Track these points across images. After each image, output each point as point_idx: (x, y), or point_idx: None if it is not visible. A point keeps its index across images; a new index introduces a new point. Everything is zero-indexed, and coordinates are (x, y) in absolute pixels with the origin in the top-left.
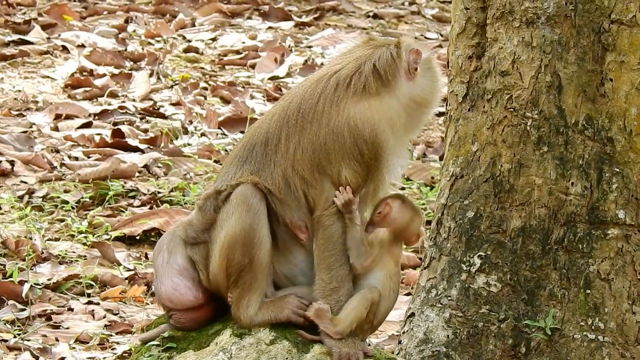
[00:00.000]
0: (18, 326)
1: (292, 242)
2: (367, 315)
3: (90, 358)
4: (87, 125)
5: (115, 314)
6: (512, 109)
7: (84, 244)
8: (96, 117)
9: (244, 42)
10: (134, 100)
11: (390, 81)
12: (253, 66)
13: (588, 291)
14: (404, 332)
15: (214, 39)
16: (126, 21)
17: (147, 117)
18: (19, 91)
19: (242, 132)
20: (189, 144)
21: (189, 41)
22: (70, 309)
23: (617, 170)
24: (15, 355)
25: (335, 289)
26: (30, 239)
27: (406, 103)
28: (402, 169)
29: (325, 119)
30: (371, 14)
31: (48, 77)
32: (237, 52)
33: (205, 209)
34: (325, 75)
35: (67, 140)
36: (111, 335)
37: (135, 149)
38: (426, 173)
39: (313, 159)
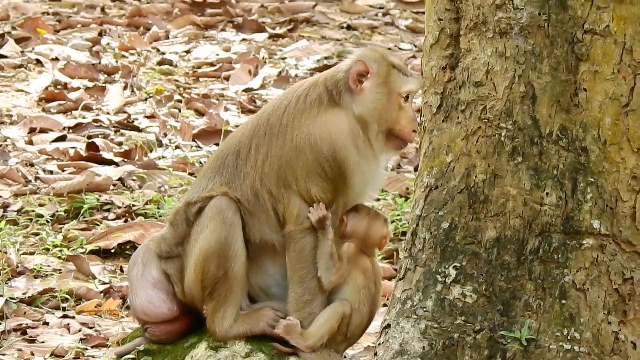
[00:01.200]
0: None
1: (264, 253)
2: (339, 328)
3: None
4: (62, 138)
5: (91, 328)
6: (486, 120)
7: (59, 257)
8: (70, 131)
9: (217, 54)
10: (108, 113)
11: (337, 95)
12: (227, 78)
13: (563, 301)
14: (379, 344)
15: (187, 51)
16: (100, 34)
17: (122, 130)
18: None
19: (217, 144)
20: (163, 157)
21: (163, 53)
22: (46, 323)
23: (592, 180)
24: None
25: (308, 301)
26: (5, 252)
27: (359, 117)
28: (376, 184)
29: (289, 134)
30: (345, 25)
31: (22, 90)
32: (211, 64)
33: (176, 223)
34: (294, 87)
35: (42, 153)
36: (87, 349)
37: (109, 162)
38: (401, 184)
39: (279, 174)
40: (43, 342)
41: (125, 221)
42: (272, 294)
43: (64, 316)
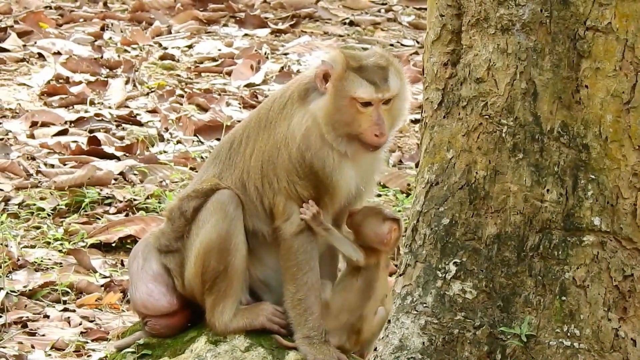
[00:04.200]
0: None
1: (262, 245)
2: (356, 323)
3: None
4: (63, 132)
5: (91, 321)
6: (487, 116)
7: (60, 251)
8: (72, 125)
9: (220, 50)
10: (110, 107)
11: (304, 94)
12: (229, 73)
13: (563, 298)
14: (379, 339)
15: (190, 46)
16: (102, 29)
17: (123, 125)
18: None
19: (218, 139)
20: (164, 152)
21: (165, 48)
22: (46, 316)
23: (593, 177)
24: None
25: (302, 299)
26: (6, 246)
27: (317, 117)
28: (369, 181)
29: (272, 129)
30: (347, 21)
31: (24, 84)
32: (213, 60)
33: (174, 218)
34: (287, 82)
35: (43, 147)
36: (87, 343)
37: (111, 157)
38: (402, 180)
39: (263, 169)
40: (43, 335)
41: (126, 215)
42: (272, 287)
43: (65, 309)
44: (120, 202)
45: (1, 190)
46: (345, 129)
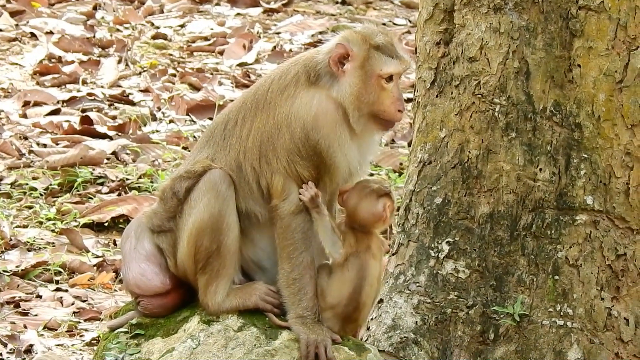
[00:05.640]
0: None
1: (254, 225)
2: (352, 313)
3: (58, 345)
4: (56, 112)
5: (84, 301)
6: (480, 95)
7: (52, 230)
8: (64, 104)
9: (212, 29)
10: (102, 87)
11: (314, 77)
12: (221, 53)
13: (556, 277)
14: (372, 319)
15: (182, 26)
16: (94, 8)
17: (116, 104)
18: None
19: (210, 118)
20: (157, 131)
21: (157, 28)
22: (39, 296)
23: (585, 156)
24: None
25: (297, 278)
26: None
27: (337, 100)
28: (365, 161)
29: (272, 110)
30: (339, 0)
31: (16, 64)
32: (206, 39)
33: (166, 198)
34: (282, 63)
35: (36, 127)
36: (79, 322)
37: (103, 136)
38: (394, 159)
39: (261, 150)
40: (36, 315)
41: (119, 195)
42: (264, 268)
43: (57, 289)
44: (113, 181)
45: None
46: (368, 109)
